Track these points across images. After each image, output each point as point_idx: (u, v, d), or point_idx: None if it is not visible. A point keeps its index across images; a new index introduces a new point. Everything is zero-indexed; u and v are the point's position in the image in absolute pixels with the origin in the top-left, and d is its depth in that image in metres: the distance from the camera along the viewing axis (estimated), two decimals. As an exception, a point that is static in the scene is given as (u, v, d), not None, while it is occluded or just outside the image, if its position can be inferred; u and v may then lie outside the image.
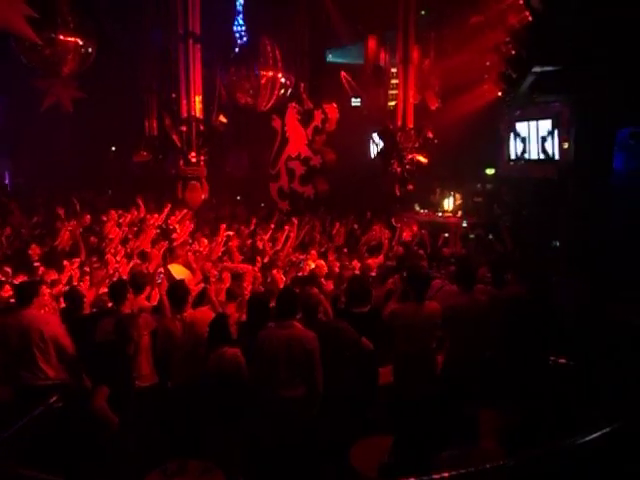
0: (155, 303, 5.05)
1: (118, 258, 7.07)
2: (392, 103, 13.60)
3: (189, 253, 6.79)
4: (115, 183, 15.82)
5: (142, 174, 14.36)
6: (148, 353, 4.44)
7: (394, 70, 13.64)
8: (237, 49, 14.60)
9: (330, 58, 16.27)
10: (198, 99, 11.20)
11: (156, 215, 9.00)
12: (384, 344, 4.45)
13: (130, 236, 8.21)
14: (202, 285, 5.60)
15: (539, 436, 3.76)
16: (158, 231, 8.41)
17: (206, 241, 8.43)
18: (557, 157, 11.99)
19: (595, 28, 5.34)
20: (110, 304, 4.88)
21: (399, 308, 4.45)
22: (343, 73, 15.21)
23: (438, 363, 4.44)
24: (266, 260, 7.58)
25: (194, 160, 11.06)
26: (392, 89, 13.95)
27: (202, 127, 11.36)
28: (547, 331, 4.65)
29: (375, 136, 14.19)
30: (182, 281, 4.87)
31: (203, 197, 11.34)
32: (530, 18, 6.18)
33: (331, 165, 13.00)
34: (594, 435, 3.10)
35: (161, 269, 5.85)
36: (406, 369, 4.31)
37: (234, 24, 14.56)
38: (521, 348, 4.53)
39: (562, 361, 4.63)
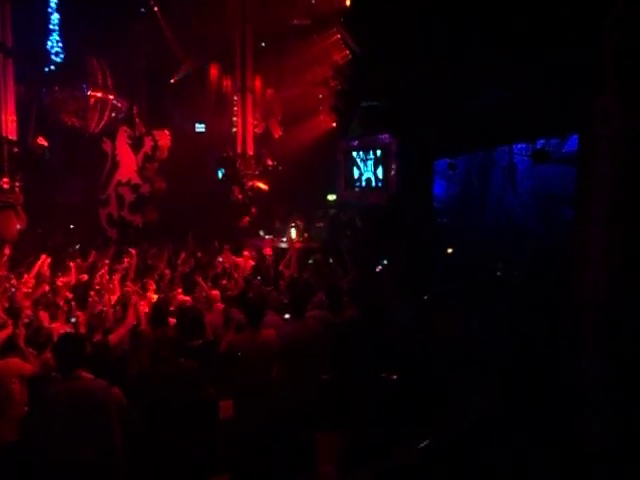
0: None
1: None
2: (235, 130, 13.61)
3: None
4: None
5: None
6: None
7: (237, 98, 13.70)
8: (53, 66, 13.38)
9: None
10: (10, 118, 10.00)
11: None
12: (222, 377, 4.29)
13: None
14: (10, 329, 4.80)
15: (374, 453, 3.87)
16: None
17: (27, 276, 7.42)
18: (387, 184, 13.04)
19: (404, 74, 5.88)
20: None
21: (235, 338, 4.39)
22: None
23: (277, 391, 4.38)
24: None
25: (7, 186, 9.80)
26: (235, 116, 13.98)
27: (16, 150, 10.16)
28: (379, 351, 4.87)
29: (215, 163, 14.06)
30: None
31: (19, 227, 10.06)
32: (350, 56, 6.64)
33: (161, 194, 12.60)
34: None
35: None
36: (246, 400, 4.18)
37: (48, 40, 13.34)
38: (356, 369, 4.68)
39: (393, 377, 4.87)
